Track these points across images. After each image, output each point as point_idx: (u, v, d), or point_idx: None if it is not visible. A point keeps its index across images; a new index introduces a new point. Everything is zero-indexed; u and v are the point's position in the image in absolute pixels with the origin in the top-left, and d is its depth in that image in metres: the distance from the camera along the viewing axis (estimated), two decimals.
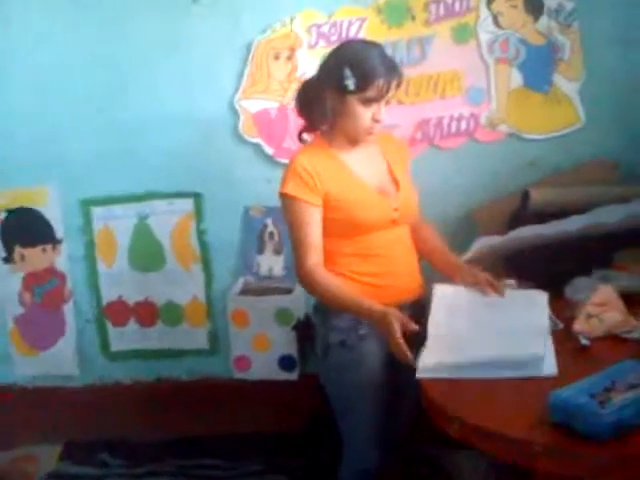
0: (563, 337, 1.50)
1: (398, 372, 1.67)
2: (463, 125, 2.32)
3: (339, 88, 1.60)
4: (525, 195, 2.11)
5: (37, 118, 2.48)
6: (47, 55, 2.43)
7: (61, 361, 2.67)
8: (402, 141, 1.97)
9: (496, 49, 2.27)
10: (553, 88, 2.27)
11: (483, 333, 1.45)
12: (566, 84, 2.26)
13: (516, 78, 2.29)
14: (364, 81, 1.58)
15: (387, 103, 1.67)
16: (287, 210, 1.68)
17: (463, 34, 2.28)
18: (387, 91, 1.60)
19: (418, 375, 1.36)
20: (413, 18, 2.28)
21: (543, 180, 2.29)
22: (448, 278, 1.76)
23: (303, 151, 1.73)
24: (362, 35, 2.31)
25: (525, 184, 2.26)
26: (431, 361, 1.36)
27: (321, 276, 1.63)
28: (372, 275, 1.69)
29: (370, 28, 2.30)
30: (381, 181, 1.74)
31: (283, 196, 1.67)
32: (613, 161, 2.25)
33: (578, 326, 1.47)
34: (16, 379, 2.70)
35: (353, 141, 1.70)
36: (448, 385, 1.31)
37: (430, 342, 1.44)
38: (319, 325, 1.75)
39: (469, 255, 1.98)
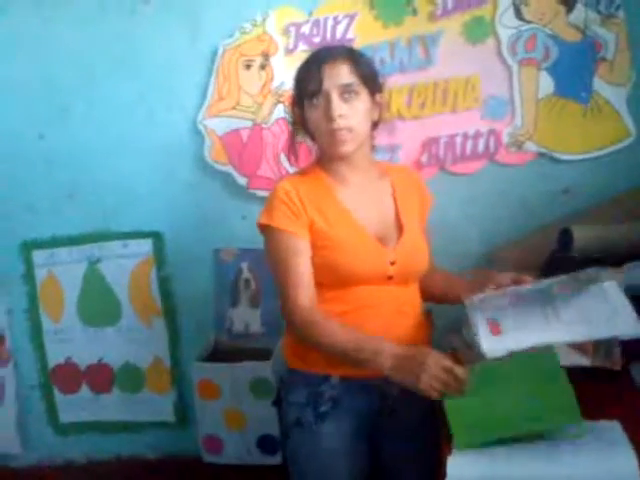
0: None
1: (379, 456, 1.45)
2: (481, 145, 1.88)
3: (297, 101, 1.43)
4: (565, 234, 1.65)
5: None
6: None
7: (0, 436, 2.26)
8: (423, 183, 1.60)
9: (520, 48, 1.84)
10: (593, 96, 1.83)
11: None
12: (610, 90, 1.82)
13: (546, 84, 1.85)
14: (299, 77, 1.41)
15: (351, 93, 1.36)
16: (268, 245, 1.42)
17: (478, 30, 1.84)
18: (322, 76, 1.35)
19: None
20: (414, 12, 1.86)
21: (582, 212, 1.85)
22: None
23: (289, 176, 1.54)
24: (352, 35, 1.88)
25: (559, 216, 1.86)
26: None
27: (321, 322, 1.33)
28: None
29: (361, 26, 1.89)
30: (383, 226, 1.44)
31: (262, 228, 1.42)
32: None
33: None
34: None
35: (333, 156, 1.42)
36: None
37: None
38: (283, 400, 1.48)
39: None
